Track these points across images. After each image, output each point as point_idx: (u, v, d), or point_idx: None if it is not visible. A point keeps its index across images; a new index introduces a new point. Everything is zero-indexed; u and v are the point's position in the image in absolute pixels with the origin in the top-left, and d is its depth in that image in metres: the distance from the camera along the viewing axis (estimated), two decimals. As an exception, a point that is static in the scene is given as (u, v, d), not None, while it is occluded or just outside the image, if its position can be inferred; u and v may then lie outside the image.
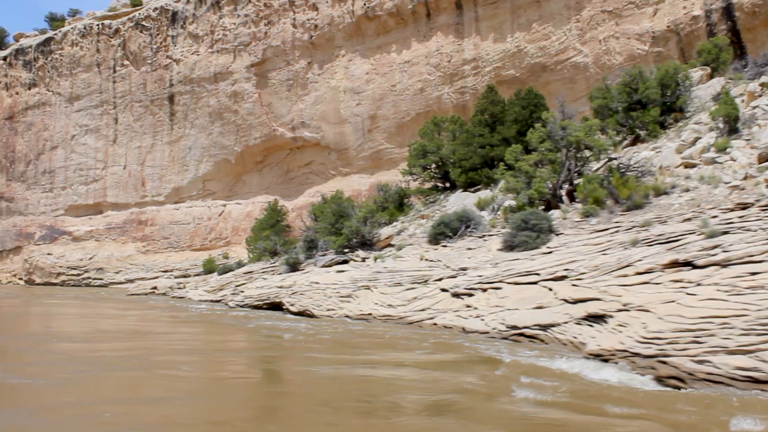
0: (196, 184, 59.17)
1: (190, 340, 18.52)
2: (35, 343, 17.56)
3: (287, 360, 14.09)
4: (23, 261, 65.20)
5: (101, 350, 16.11)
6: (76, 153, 64.53)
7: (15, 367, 13.12)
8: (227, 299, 29.64)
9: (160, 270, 55.80)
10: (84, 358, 14.57)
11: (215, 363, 14.08)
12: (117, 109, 62.89)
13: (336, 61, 52.38)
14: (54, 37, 67.27)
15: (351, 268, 24.95)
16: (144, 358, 14.22)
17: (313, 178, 54.54)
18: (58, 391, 10.57)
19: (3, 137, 68.56)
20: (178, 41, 59.84)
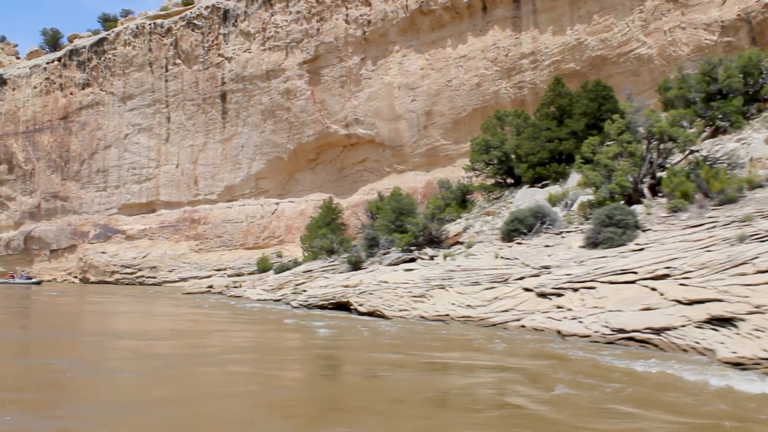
0: (249, 182, 58.68)
1: (259, 339, 18.25)
2: (103, 339, 17.49)
3: (358, 361, 13.12)
4: (78, 259, 65.50)
5: (174, 347, 16.30)
6: (129, 152, 64.57)
7: (93, 362, 13.27)
8: (288, 298, 28.77)
9: (213, 269, 55.44)
10: (158, 354, 14.80)
11: (289, 361, 13.92)
12: (169, 108, 62.74)
13: (390, 56, 51.43)
14: (107, 38, 67.46)
15: (420, 267, 23.90)
16: (215, 355, 14.30)
17: (367, 176, 53.63)
18: (147, 386, 10.77)
19: (58, 137, 68.96)
20: (229, 39, 59.43)
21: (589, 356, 11.96)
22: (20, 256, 70.95)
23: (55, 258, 68.96)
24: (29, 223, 70.70)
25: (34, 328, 21.91)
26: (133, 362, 13.44)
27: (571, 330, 13.99)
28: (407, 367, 12.04)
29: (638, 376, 9.97)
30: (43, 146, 69.97)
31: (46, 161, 69.70)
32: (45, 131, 69.97)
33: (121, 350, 15.60)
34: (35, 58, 75.83)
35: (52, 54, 74.28)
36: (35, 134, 70.56)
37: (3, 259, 71.81)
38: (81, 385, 10.96)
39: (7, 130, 72.13)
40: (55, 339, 18.09)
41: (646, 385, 9.32)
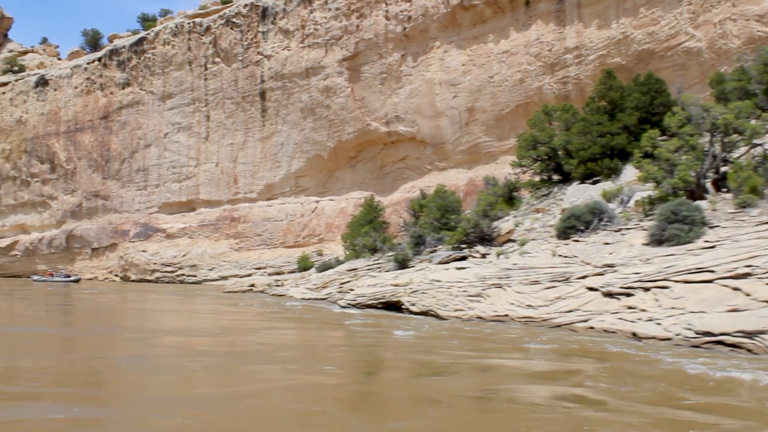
0: (289, 180, 58.29)
1: (311, 337, 18.14)
2: (158, 337, 17.55)
3: (425, 360, 12.47)
4: (119, 258, 65.69)
5: (227, 344, 16.63)
6: (169, 151, 64.57)
7: (150, 359, 13.63)
8: (334, 297, 28.23)
9: (254, 267, 55.15)
10: (214, 351, 14.99)
11: (347, 359, 13.89)
12: (209, 107, 62.59)
13: (431, 52, 50.66)
14: (146, 37, 67.57)
15: (472, 265, 23.19)
16: (271, 352, 14.54)
17: (408, 174, 52.92)
18: (212, 381, 11.13)
19: (98, 136, 69.26)
20: (268, 37, 59.09)
21: (687, 364, 11.05)
22: (62, 255, 71.40)
23: (96, 256, 69.27)
24: (71, 221, 71.12)
25: (87, 326, 22.01)
26: (193, 358, 13.63)
27: (648, 332, 13.19)
28: (486, 371, 11.43)
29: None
30: (84, 146, 70.32)
31: (87, 160, 70.03)
32: (86, 131, 70.31)
33: (178, 347, 15.86)
34: (76, 59, 76.28)
35: (92, 54, 74.67)
36: (76, 134, 70.95)
37: (45, 258, 72.35)
38: (148, 380, 11.23)
39: (49, 130, 72.63)
40: (117, 336, 18.20)
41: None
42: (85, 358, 14.34)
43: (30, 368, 12.47)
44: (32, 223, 74.41)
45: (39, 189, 73.24)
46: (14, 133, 74.74)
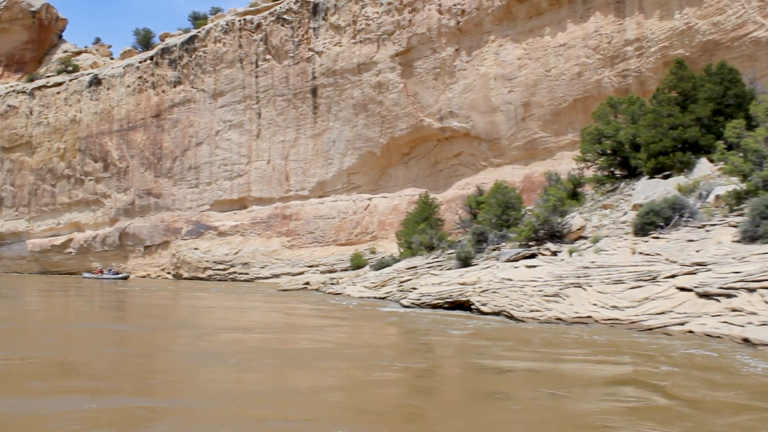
0: (341, 177, 57.62)
1: (378, 336, 17.86)
2: (238, 335, 17.41)
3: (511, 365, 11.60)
4: (171, 255, 65.77)
5: (296, 341, 16.60)
6: (221, 148, 64.43)
7: (219, 354, 13.93)
8: (395, 296, 27.37)
9: (306, 265, 54.60)
10: (290, 348, 15.17)
11: (424, 357, 13.59)
12: (260, 104, 62.25)
13: (485, 47, 49.54)
14: (197, 35, 67.54)
15: (543, 263, 22.13)
16: (341, 350, 14.66)
17: (463, 170, 51.86)
18: (299, 377, 11.30)
19: (150, 135, 69.46)
20: (320, 33, 58.50)
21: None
22: (115, 252, 71.85)
23: (149, 254, 69.52)
24: (124, 219, 71.52)
25: (164, 323, 22.04)
26: (272, 354, 13.85)
27: (763, 338, 12.00)
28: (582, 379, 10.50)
29: None
30: (136, 144, 70.62)
31: (140, 159, 70.32)
32: (138, 129, 70.61)
33: (244, 344, 15.95)
34: (128, 58, 76.72)
35: (144, 53, 75.06)
36: (129, 132, 71.29)
37: (99, 255, 72.89)
38: (210, 375, 11.49)
39: (102, 129, 73.13)
40: (174, 332, 18.09)
41: None
42: (154, 352, 14.70)
43: (89, 363, 12.95)
44: (86, 221, 75.04)
45: (93, 187, 73.79)
46: (68, 132, 75.45)
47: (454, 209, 46.73)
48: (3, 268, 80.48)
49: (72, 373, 11.70)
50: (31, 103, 78.08)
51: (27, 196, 78.15)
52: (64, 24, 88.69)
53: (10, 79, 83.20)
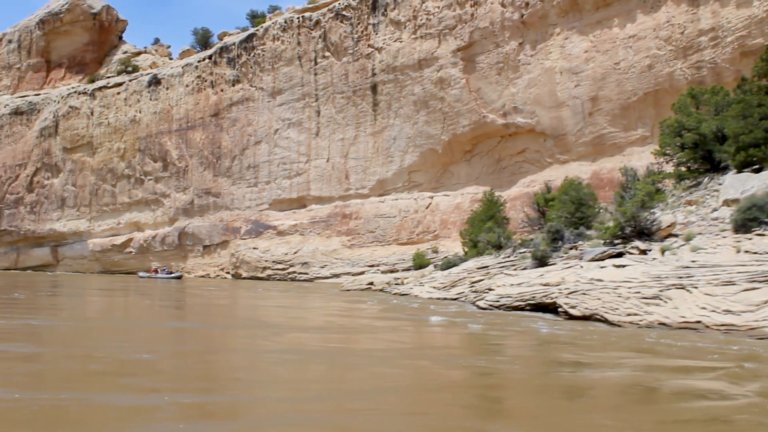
0: (401, 175, 57.42)
1: (462, 339, 17.29)
2: (286, 332, 17.26)
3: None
4: (230, 255, 66.48)
5: (380, 342, 16.40)
6: (279, 147, 64.84)
7: (297, 351, 14.26)
8: (468, 297, 26.91)
9: (366, 265, 54.57)
10: (376, 349, 15.24)
11: (528, 362, 12.82)
12: (319, 102, 62.46)
13: (550, 40, 48.85)
14: (256, 33, 68.16)
15: (633, 262, 21.40)
16: (410, 351, 14.16)
17: (527, 167, 51.20)
18: (386, 376, 11.48)
19: (209, 134, 70.31)
20: (379, 29, 58.44)
21: None
22: (175, 252, 72.94)
23: (208, 253, 70.38)
24: (183, 219, 72.56)
25: (241, 323, 22.21)
26: (342, 356, 13.82)
27: None
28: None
29: None
30: (195, 143, 71.56)
31: (199, 158, 71.22)
32: (197, 128, 71.55)
33: (317, 344, 16.01)
34: (187, 57, 77.88)
35: (202, 53, 76.01)
36: (188, 131, 72.29)
37: (159, 255, 74.10)
38: (274, 374, 11.74)
39: (162, 129, 74.32)
40: (244, 332, 18.19)
41: None
42: (238, 351, 14.79)
43: (163, 361, 13.41)
44: (146, 220, 76.35)
45: (152, 187, 75.03)
46: (128, 132, 76.90)
47: (519, 207, 46.18)
48: (65, 268, 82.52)
49: (152, 372, 12.17)
50: (92, 103, 79.83)
51: (88, 196, 79.89)
52: (124, 25, 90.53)
53: (72, 81, 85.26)
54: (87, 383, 10.91)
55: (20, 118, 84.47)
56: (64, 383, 10.82)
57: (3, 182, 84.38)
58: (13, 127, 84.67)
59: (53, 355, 13.92)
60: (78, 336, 17.62)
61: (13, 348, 14.65)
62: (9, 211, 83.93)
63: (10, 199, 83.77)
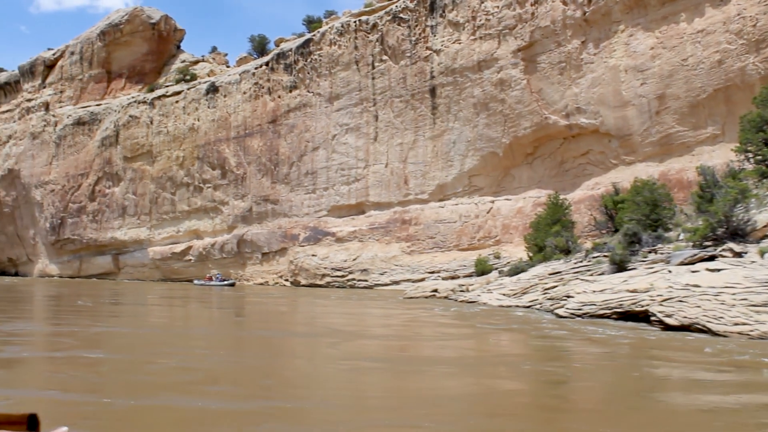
0: (461, 179, 57.02)
1: (552, 352, 16.72)
2: (359, 338, 17.44)
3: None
4: (288, 262, 66.91)
5: (454, 350, 15.97)
6: (337, 153, 65.03)
7: (374, 359, 14.27)
8: (544, 305, 26.15)
9: (426, 271, 54.30)
10: (465, 356, 14.98)
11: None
12: (377, 106, 62.49)
13: (614, 37, 48.03)
14: (312, 39, 68.65)
15: (728, 266, 20.44)
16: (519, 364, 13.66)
17: (591, 169, 50.36)
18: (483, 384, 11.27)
19: (267, 140, 70.97)
20: (437, 31, 58.27)
21: None
22: (234, 260, 73.75)
23: (267, 261, 70.94)
24: (241, 226, 73.31)
25: (310, 333, 22.18)
26: (433, 366, 13.58)
27: None
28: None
29: None
30: (253, 150, 72.28)
31: (257, 165, 71.90)
32: (255, 135, 72.27)
33: (408, 352, 16.01)
34: (244, 65, 78.84)
35: (259, 59, 76.88)
36: (246, 139, 73.09)
37: (217, 263, 75.01)
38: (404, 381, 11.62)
39: (220, 136, 75.30)
40: (317, 340, 18.12)
41: None
42: (314, 359, 15.08)
43: (235, 368, 13.71)
44: (205, 228, 77.38)
45: (211, 194, 76.01)
46: (187, 141, 78.13)
47: (584, 211, 45.48)
48: (126, 275, 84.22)
49: (218, 378, 12.63)
50: (151, 112, 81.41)
51: (148, 204, 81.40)
52: (181, 35, 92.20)
53: (132, 91, 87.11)
54: (160, 389, 11.31)
55: (82, 128, 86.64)
56: (147, 389, 11.27)
57: (66, 191, 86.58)
58: (75, 137, 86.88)
59: (130, 362, 14.40)
60: (147, 343, 18.14)
61: (97, 354, 15.18)
62: (72, 220, 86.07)
63: (73, 208, 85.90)
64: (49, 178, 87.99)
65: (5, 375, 13.24)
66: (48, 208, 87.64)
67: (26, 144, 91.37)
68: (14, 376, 13.30)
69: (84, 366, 13.68)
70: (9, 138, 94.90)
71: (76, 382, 12.05)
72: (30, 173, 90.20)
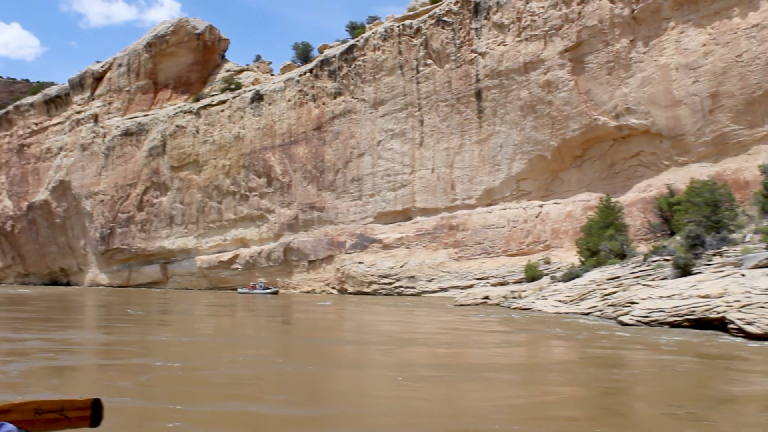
0: (509, 184, 56.40)
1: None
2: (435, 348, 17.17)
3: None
4: (335, 270, 66.91)
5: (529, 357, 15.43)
6: (383, 159, 64.87)
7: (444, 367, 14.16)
8: (604, 312, 25.25)
9: (475, 278, 53.79)
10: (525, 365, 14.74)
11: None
12: (422, 111, 62.22)
13: (664, 35, 47.11)
14: (356, 44, 68.71)
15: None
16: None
17: (642, 171, 49.40)
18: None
19: (312, 148, 71.16)
20: (482, 33, 57.83)
21: None
22: (280, 268, 74.04)
23: (313, 269, 71.05)
24: (288, 234, 73.57)
25: (365, 341, 22.16)
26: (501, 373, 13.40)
27: None
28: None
29: None
30: (298, 158, 72.52)
31: (302, 172, 72.11)
32: (300, 143, 72.52)
33: (467, 360, 15.53)
34: (288, 72, 79.26)
35: (303, 66, 77.16)
36: (291, 146, 73.40)
37: (264, 271, 75.38)
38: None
39: (265, 144, 75.77)
40: (370, 347, 17.83)
41: None
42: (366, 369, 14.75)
43: (290, 377, 13.60)
44: (251, 236, 77.87)
45: (257, 203, 76.46)
46: (233, 149, 78.79)
47: (636, 214, 44.62)
48: (174, 284, 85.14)
49: (282, 386, 12.85)
50: (197, 122, 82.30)
51: (195, 213, 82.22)
52: (226, 44, 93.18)
53: (178, 101, 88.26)
54: (213, 395, 11.57)
55: (130, 138, 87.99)
56: (199, 395, 11.58)
57: (115, 202, 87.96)
58: (123, 148, 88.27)
59: (182, 369, 14.66)
60: (197, 351, 18.49)
61: (149, 361, 15.56)
62: (121, 230, 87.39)
63: (122, 218, 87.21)
64: (99, 189, 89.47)
65: (59, 383, 13.48)
66: (98, 219, 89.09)
67: (76, 155, 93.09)
68: (67, 383, 13.58)
69: (135, 374, 14.00)
70: (60, 150, 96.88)
71: (127, 388, 12.26)
72: (80, 184, 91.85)
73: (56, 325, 27.95)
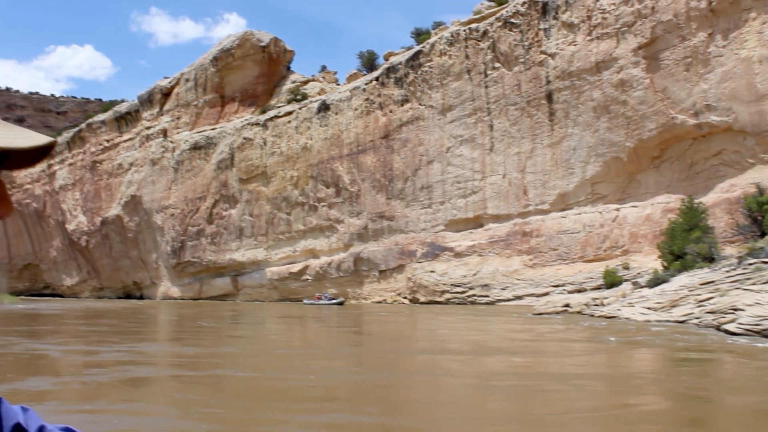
0: (584, 187, 55.23)
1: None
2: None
3: None
4: (406, 279, 66.56)
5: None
6: (452, 165, 64.31)
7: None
8: (702, 320, 24.06)
9: (550, 285, 52.83)
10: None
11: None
12: (491, 116, 61.49)
13: (745, 26, 45.58)
14: (422, 50, 68.46)
15: None
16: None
17: (725, 170, 47.75)
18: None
19: (380, 156, 71.03)
20: (551, 34, 56.88)
21: None
22: (350, 278, 74.03)
23: (384, 278, 70.79)
24: (357, 244, 73.53)
25: (443, 350, 21.70)
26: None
27: None
28: None
29: None
30: (366, 167, 72.46)
31: (371, 182, 72.01)
32: (368, 152, 72.46)
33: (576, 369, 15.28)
34: (354, 81, 79.39)
35: (369, 75, 77.18)
36: (358, 155, 73.42)
37: (334, 281, 75.50)
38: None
39: (333, 154, 75.98)
40: (448, 358, 17.43)
41: None
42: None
43: (367, 387, 13.74)
44: (321, 247, 78.10)
45: (326, 213, 76.66)
46: (300, 160, 79.23)
47: (720, 215, 43.11)
48: (245, 297, 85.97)
49: (358, 396, 12.87)
50: (265, 134, 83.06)
51: (264, 225, 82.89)
52: (291, 55, 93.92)
53: (245, 113, 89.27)
54: (287, 404, 11.97)
55: (199, 152, 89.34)
56: (273, 405, 12.02)
57: (185, 215, 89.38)
58: (192, 162, 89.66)
59: (256, 379, 15.09)
60: (269, 362, 18.72)
61: (223, 372, 15.62)
62: (191, 243, 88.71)
63: (192, 231, 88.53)
64: (169, 203, 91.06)
65: (133, 393, 13.81)
66: (168, 232, 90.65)
67: (146, 170, 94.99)
68: (142, 394, 13.87)
69: (208, 385, 14.31)
70: (131, 165, 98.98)
71: (201, 400, 12.41)
72: (151, 198, 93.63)
73: (131, 337, 28.46)
